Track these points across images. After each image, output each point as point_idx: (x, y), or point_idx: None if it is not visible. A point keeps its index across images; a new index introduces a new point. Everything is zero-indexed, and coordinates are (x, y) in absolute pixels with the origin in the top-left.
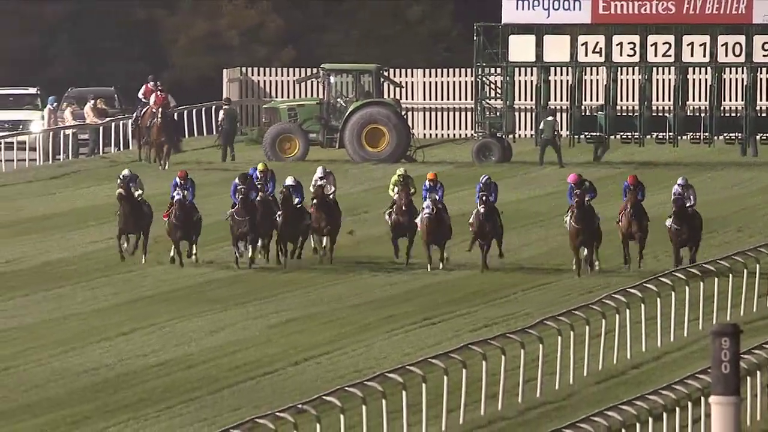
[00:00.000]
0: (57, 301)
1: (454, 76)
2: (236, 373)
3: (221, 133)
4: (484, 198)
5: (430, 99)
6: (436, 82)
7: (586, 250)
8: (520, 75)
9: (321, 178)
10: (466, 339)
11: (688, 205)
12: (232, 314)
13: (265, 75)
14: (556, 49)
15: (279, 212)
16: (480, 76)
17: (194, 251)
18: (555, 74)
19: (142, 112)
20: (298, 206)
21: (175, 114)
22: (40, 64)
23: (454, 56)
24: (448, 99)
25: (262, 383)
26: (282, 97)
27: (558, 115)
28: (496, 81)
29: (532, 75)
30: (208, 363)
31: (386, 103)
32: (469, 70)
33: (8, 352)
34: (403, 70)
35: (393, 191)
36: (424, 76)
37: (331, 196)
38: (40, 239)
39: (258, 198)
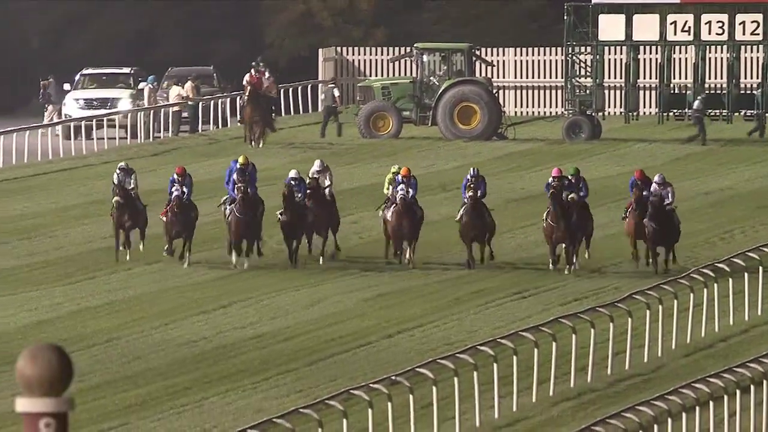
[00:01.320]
0: (157, 274)
1: (544, 54)
2: (332, 346)
3: (326, 110)
4: (472, 187)
5: (521, 77)
6: (526, 61)
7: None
8: (609, 53)
9: (318, 172)
10: (555, 313)
11: (666, 203)
12: (326, 288)
13: (359, 54)
14: (646, 28)
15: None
16: (570, 55)
17: (188, 252)
18: (644, 53)
19: (245, 100)
20: (301, 202)
21: (278, 92)
22: (145, 45)
23: (544, 35)
24: (538, 77)
25: (357, 355)
26: (376, 75)
27: (646, 92)
28: (586, 59)
29: (621, 53)
30: (305, 335)
31: (478, 81)
32: (559, 48)
33: (111, 324)
34: (495, 49)
35: (388, 189)
36: (515, 55)
37: (326, 190)
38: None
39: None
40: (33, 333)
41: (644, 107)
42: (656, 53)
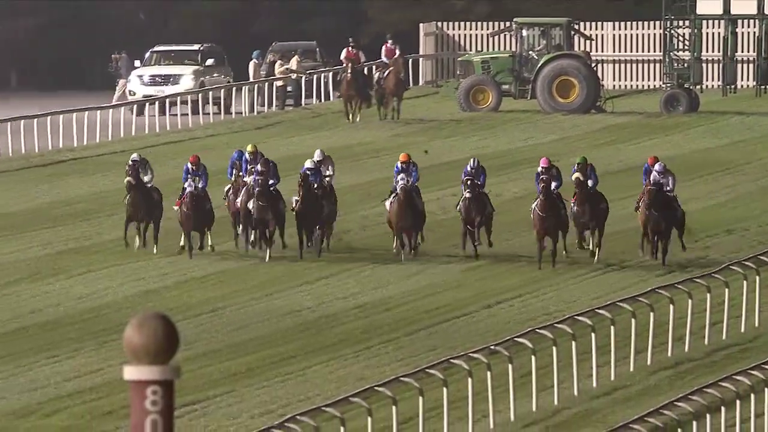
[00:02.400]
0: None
1: (642, 28)
2: (432, 316)
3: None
4: (469, 182)
5: (620, 51)
6: (625, 35)
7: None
8: (707, 27)
9: (319, 162)
10: (652, 284)
11: (667, 189)
12: (426, 260)
13: (459, 29)
14: (744, 1)
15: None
16: (668, 29)
17: (209, 242)
18: (742, 26)
19: (386, 74)
20: (318, 191)
21: (366, 69)
22: (247, 22)
23: (643, 9)
24: (636, 51)
25: (457, 325)
26: (476, 50)
27: (744, 65)
28: (684, 33)
29: (719, 27)
30: (405, 306)
31: (576, 55)
32: (657, 22)
33: (216, 294)
34: (593, 23)
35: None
36: (613, 29)
37: (327, 180)
38: None
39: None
40: (140, 302)
41: (742, 80)
42: (754, 27)
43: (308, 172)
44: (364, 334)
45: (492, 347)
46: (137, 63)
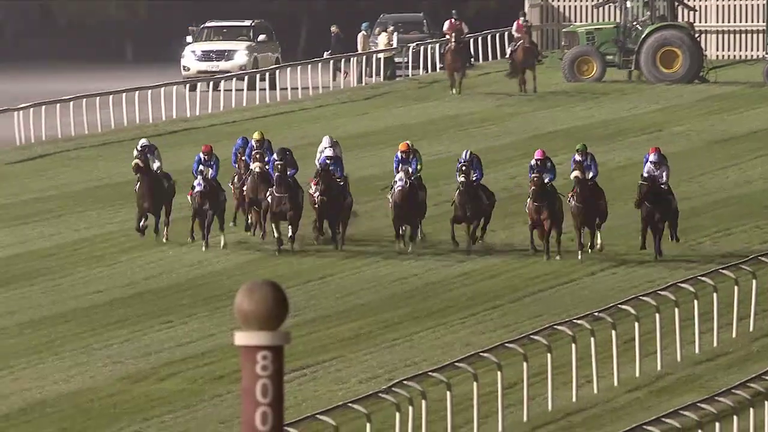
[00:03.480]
0: (370, 215)
1: None
2: (536, 282)
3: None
4: (464, 168)
5: (723, 21)
6: (728, 5)
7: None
8: None
9: (327, 149)
10: (756, 251)
11: (661, 182)
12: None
13: (565, 0)
14: None
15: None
16: None
17: (222, 235)
18: None
19: (516, 46)
20: (340, 182)
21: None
22: None
23: None
24: (739, 21)
25: (561, 292)
26: (580, 21)
27: None
28: None
29: None
30: (510, 273)
31: (680, 26)
32: None
33: (325, 261)
34: None
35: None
36: (716, 0)
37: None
38: (356, 156)
39: (258, 170)
40: (251, 270)
41: None
42: None
43: (328, 161)
44: (470, 300)
45: (596, 314)
46: (189, 39)
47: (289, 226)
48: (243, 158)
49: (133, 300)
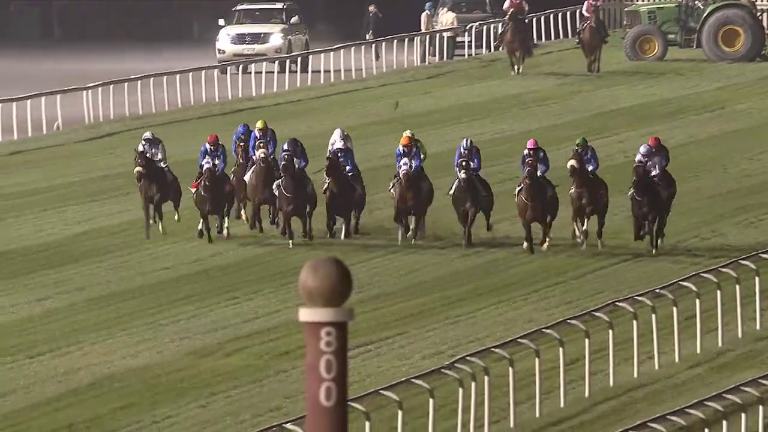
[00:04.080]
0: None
1: None
2: (598, 259)
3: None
4: (464, 164)
5: None
6: None
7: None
8: None
9: (338, 141)
10: None
11: (653, 174)
12: None
13: None
14: None
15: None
16: None
17: (225, 225)
18: None
19: (584, 26)
20: (350, 174)
21: (530, 19)
22: None
23: None
24: None
25: (623, 268)
26: (643, 0)
27: None
28: None
29: None
30: (572, 250)
31: (742, 4)
32: None
33: (390, 238)
34: None
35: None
36: None
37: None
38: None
39: (262, 158)
40: (318, 246)
41: None
42: None
43: (338, 153)
44: (533, 277)
45: (657, 290)
46: (221, 22)
47: (303, 224)
48: (240, 144)
49: (199, 276)
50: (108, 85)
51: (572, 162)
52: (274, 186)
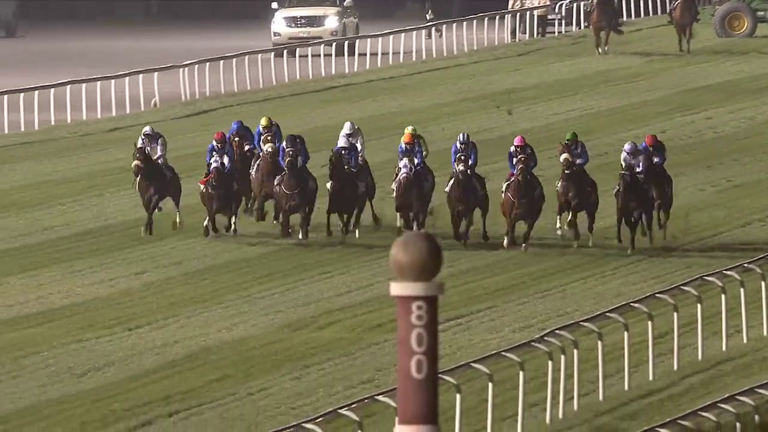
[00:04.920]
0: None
1: None
2: (686, 235)
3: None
4: (462, 158)
5: None
6: None
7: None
8: None
9: (348, 135)
10: None
11: (637, 171)
12: (684, 180)
13: None
14: None
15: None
16: None
17: (233, 222)
18: None
19: (675, 4)
20: (354, 170)
21: None
22: None
23: None
24: None
25: (712, 243)
26: None
27: None
28: None
29: None
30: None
31: None
32: None
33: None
34: None
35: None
36: None
37: (360, 156)
38: (503, 113)
39: (270, 154)
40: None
41: None
42: None
43: (342, 150)
44: (621, 251)
45: (745, 265)
46: (274, 5)
47: (301, 222)
48: (235, 141)
49: (293, 251)
50: (204, 62)
51: (566, 155)
52: (275, 182)
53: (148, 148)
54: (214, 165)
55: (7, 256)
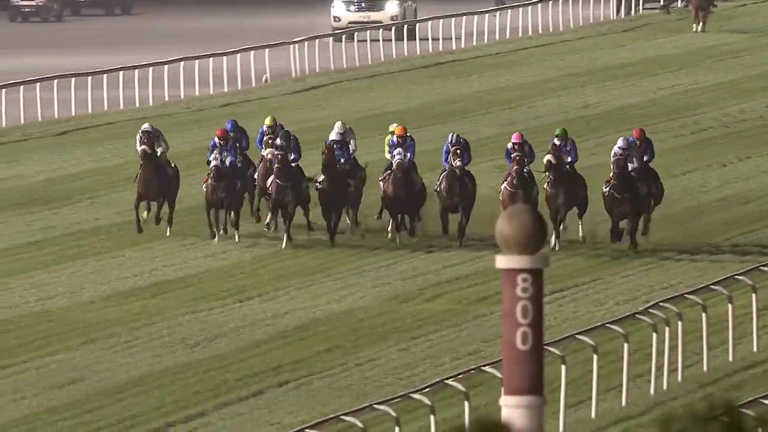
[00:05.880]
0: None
1: None
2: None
3: None
4: (458, 152)
5: None
6: None
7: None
8: None
9: (339, 134)
10: None
11: (631, 169)
12: (748, 164)
13: None
14: None
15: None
16: None
17: (231, 221)
18: None
19: None
20: (345, 168)
21: None
22: None
23: None
24: None
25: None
26: None
27: None
28: None
29: None
30: (765, 198)
31: None
32: None
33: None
34: None
35: (389, 153)
36: None
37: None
38: (614, 86)
39: (270, 156)
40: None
41: None
42: None
43: (333, 146)
44: (726, 225)
45: None
46: None
47: (288, 217)
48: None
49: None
50: (313, 39)
51: (548, 156)
52: (268, 181)
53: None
54: (213, 163)
55: (122, 229)
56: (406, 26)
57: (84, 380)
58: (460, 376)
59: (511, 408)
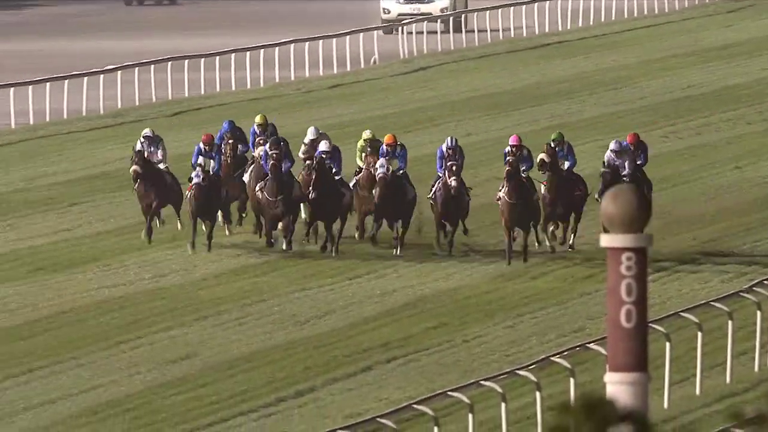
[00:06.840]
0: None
1: None
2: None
3: None
4: (454, 168)
5: None
6: None
7: (521, 231)
8: None
9: (323, 143)
10: None
11: (623, 173)
12: None
13: None
14: None
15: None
16: None
17: (228, 229)
18: None
19: None
20: (337, 177)
21: None
22: None
23: None
24: None
25: None
26: None
27: None
28: None
29: None
30: None
31: None
32: None
33: (691, 166)
34: None
35: (361, 159)
36: None
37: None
38: (719, 66)
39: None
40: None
41: None
42: None
43: (323, 156)
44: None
45: None
46: None
47: (284, 232)
48: (229, 143)
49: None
50: (421, 21)
51: (542, 156)
52: (257, 188)
53: (147, 152)
54: (195, 180)
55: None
56: (452, 18)
57: (197, 356)
58: (565, 353)
59: (615, 384)
